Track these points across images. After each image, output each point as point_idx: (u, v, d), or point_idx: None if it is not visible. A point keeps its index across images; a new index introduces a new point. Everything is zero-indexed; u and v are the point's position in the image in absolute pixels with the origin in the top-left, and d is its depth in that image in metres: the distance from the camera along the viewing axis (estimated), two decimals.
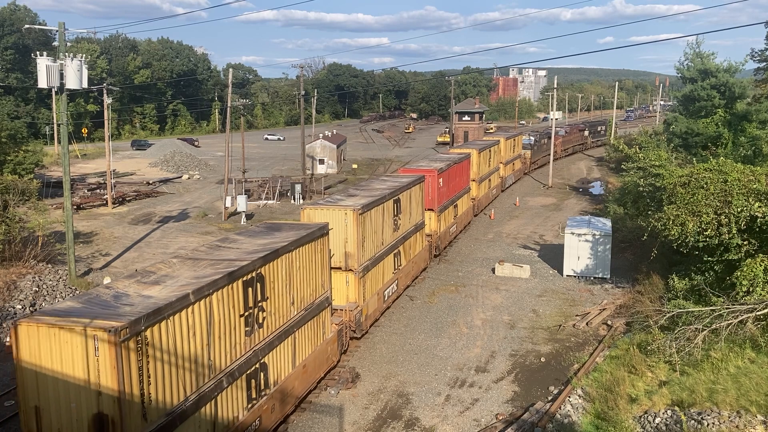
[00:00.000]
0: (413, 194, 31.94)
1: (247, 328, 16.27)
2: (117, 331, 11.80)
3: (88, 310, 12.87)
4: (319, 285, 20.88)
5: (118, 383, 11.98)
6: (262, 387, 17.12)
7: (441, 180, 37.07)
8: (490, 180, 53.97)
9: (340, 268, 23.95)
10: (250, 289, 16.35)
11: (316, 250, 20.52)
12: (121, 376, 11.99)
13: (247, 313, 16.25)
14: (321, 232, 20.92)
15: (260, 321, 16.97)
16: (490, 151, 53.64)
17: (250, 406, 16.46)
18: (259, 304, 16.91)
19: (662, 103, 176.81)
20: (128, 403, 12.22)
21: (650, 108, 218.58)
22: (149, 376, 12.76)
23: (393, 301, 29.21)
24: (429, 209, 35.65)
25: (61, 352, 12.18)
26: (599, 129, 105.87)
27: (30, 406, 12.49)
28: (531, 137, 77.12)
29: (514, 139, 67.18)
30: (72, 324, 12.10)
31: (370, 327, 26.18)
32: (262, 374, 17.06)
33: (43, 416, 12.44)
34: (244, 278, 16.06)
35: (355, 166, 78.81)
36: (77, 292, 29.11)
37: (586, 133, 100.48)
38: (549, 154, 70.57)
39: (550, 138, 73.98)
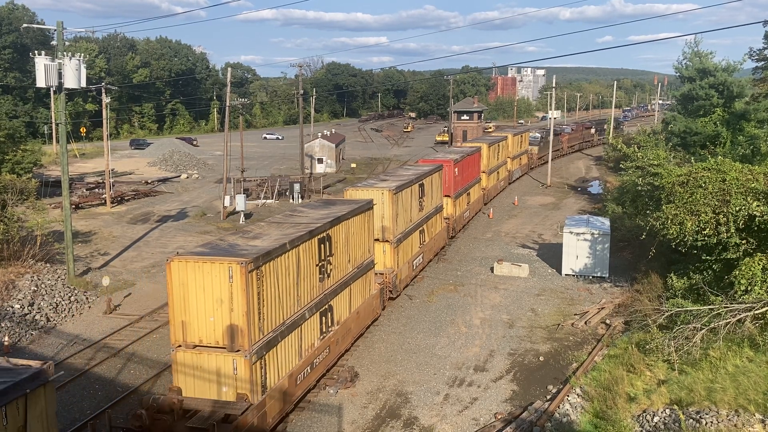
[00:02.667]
0: (434, 180, 35.95)
1: (320, 276, 20.65)
2: (246, 263, 15.94)
3: (217, 252, 17.13)
4: (366, 249, 25.23)
5: (246, 302, 16.08)
6: (330, 324, 21.57)
7: (456, 169, 41.22)
8: (498, 172, 58.57)
9: (378, 240, 27.73)
10: (322, 246, 20.72)
11: (364, 220, 24.89)
12: (248, 297, 16.10)
13: (320, 264, 20.61)
14: (368, 206, 25.46)
15: (328, 271, 21.38)
16: (498, 145, 58.48)
17: (322, 337, 20.89)
18: (328, 258, 21.25)
19: (661, 102, 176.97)
20: (251, 318, 16.29)
21: (648, 107, 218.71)
22: (264, 300, 16.93)
23: (420, 271, 33.50)
24: (446, 195, 39.63)
25: (203, 280, 16.20)
26: (605, 127, 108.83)
27: (178, 321, 16.60)
28: (538, 134, 78.83)
29: (521, 136, 70.67)
30: (212, 259, 16.27)
31: (403, 290, 30.52)
32: (329, 313, 21.53)
33: (187, 328, 16.59)
34: (319, 236, 20.40)
35: (353, 165, 78.73)
36: (76, 291, 29.10)
37: (593, 130, 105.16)
38: (555, 150, 71.48)
39: (556, 135, 75.04)
